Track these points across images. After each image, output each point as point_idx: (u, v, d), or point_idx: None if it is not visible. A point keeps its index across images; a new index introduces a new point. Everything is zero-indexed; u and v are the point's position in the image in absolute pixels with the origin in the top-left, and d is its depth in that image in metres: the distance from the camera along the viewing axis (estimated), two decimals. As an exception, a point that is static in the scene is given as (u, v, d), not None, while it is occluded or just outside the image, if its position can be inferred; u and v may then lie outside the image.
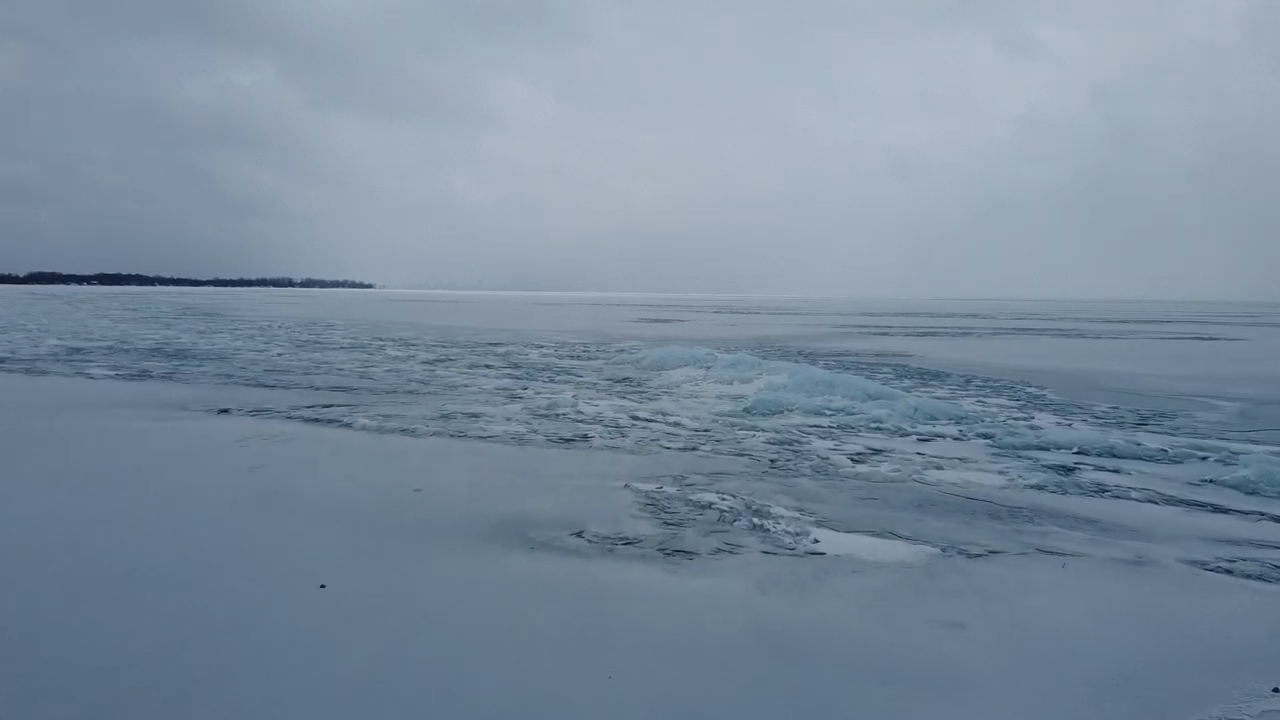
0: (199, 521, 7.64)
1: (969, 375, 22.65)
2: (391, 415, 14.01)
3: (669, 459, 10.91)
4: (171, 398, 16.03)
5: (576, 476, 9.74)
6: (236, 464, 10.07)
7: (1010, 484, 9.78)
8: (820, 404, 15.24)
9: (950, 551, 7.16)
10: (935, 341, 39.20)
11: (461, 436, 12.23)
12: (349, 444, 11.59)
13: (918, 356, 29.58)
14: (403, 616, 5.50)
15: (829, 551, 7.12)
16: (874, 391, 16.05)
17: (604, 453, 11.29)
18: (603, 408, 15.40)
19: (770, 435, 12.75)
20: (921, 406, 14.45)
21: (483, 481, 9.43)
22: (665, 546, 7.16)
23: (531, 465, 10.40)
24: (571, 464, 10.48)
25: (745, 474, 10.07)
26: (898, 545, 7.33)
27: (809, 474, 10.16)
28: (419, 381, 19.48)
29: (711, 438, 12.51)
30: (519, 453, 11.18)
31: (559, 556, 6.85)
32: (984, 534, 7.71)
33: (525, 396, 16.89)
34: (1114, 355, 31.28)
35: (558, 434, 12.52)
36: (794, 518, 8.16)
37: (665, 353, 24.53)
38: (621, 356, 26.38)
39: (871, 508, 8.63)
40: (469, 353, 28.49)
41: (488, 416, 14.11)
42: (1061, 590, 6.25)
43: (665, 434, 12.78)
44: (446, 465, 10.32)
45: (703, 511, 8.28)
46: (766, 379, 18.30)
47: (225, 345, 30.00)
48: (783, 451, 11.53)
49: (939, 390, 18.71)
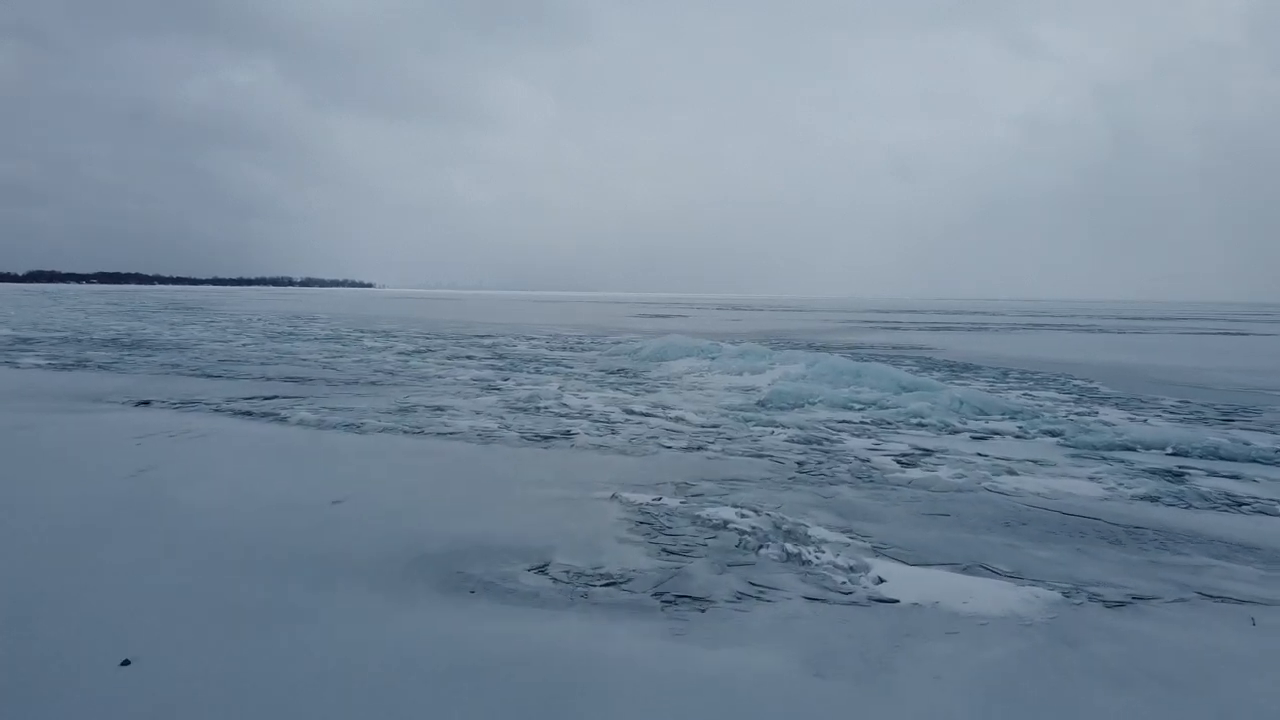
0: (20, 547, 5.45)
1: (1002, 367, 20.43)
2: (340, 408, 11.80)
3: (669, 461, 8.70)
4: (94, 389, 13.81)
5: (549, 484, 7.52)
6: (118, 467, 7.86)
7: (1112, 494, 7.56)
8: (847, 396, 13.01)
9: (1078, 596, 4.94)
10: (951, 336, 36.98)
11: (416, 433, 10.02)
12: (271, 443, 9.38)
13: (939, 349, 27.36)
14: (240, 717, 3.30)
15: (902, 597, 4.90)
16: (908, 382, 13.83)
17: (588, 453, 9.08)
18: (592, 400, 13.17)
19: (793, 432, 10.53)
20: (967, 399, 12.23)
21: (425, 491, 7.21)
22: (665, 590, 4.95)
23: (494, 469, 8.18)
24: (545, 467, 8.26)
25: (768, 481, 7.85)
26: (999, 587, 5.11)
27: (849, 480, 7.95)
28: (386, 372, 17.25)
29: (721, 435, 10.30)
30: (482, 453, 8.96)
31: (508, 607, 4.64)
32: (1113, 568, 5.49)
33: (504, 388, 14.67)
34: (1150, 349, 29.04)
35: (534, 430, 10.31)
36: (841, 543, 5.94)
37: (665, 343, 22.31)
38: (617, 348, 24.16)
39: (943, 527, 6.41)
40: (452, 344, 26.25)
41: (454, 410, 11.89)
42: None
43: (665, 430, 10.56)
44: (385, 469, 8.10)
45: (716, 534, 6.07)
46: (782, 369, 16.08)
47: (190, 336, 27.79)
48: (811, 452, 9.31)
49: (974, 382, 16.49)
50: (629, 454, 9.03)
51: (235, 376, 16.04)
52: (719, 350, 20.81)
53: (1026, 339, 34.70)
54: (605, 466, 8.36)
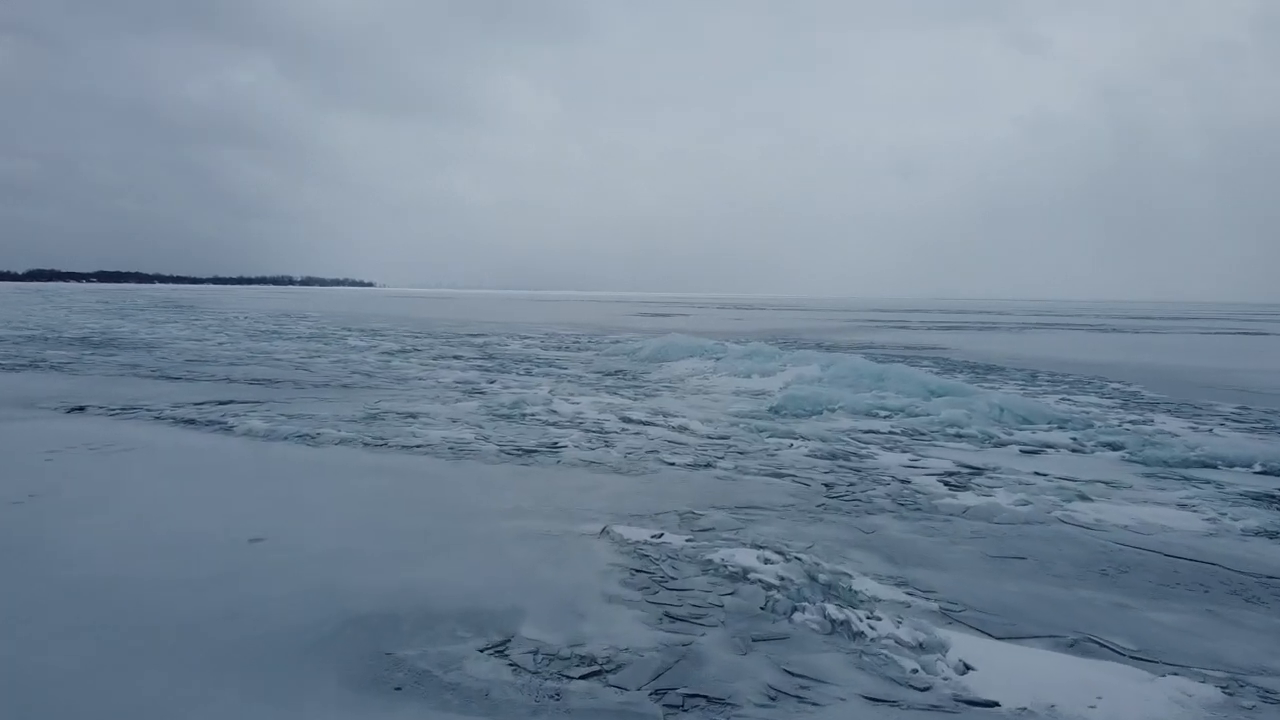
0: None
1: (1028, 369, 19.04)
2: (299, 415, 10.41)
3: (672, 482, 7.31)
4: (31, 392, 12.42)
5: (525, 514, 6.13)
6: (3, 491, 6.47)
7: (1217, 527, 6.16)
8: (871, 402, 11.62)
9: (1244, 694, 3.56)
10: (963, 335, 35.59)
11: (377, 446, 8.63)
12: (204, 459, 7.99)
13: (954, 349, 25.97)
14: None
15: (1003, 695, 3.51)
16: (937, 386, 12.44)
17: (576, 472, 7.69)
18: (584, 406, 11.78)
19: (814, 445, 9.13)
20: (1008, 405, 10.84)
21: (369, 524, 5.82)
22: (668, 684, 3.56)
23: (459, 494, 6.78)
24: (523, 491, 6.87)
25: (791, 509, 6.46)
26: (1129, 676, 3.71)
27: (890, 508, 6.55)
28: (363, 374, 15.86)
29: (731, 448, 8.91)
30: (449, 472, 7.57)
31: (447, 717, 3.25)
32: (1269, 642, 4.11)
33: (488, 392, 13.27)
34: (1176, 350, 27.64)
35: (516, 442, 8.91)
36: (899, 602, 4.55)
37: (666, 343, 20.93)
38: (615, 348, 22.78)
39: (1023, 576, 5.02)
40: (440, 343, 24.86)
41: (427, 417, 10.50)
42: None
43: (667, 443, 9.17)
44: (328, 494, 6.71)
45: (734, 588, 4.68)
46: (795, 371, 14.69)
47: (166, 335, 26.40)
48: (839, 470, 7.91)
49: (1004, 386, 15.10)
50: (624, 473, 7.64)
51: (196, 378, 14.65)
52: (724, 350, 19.43)
53: (1043, 339, 33.31)
54: (596, 489, 6.97)
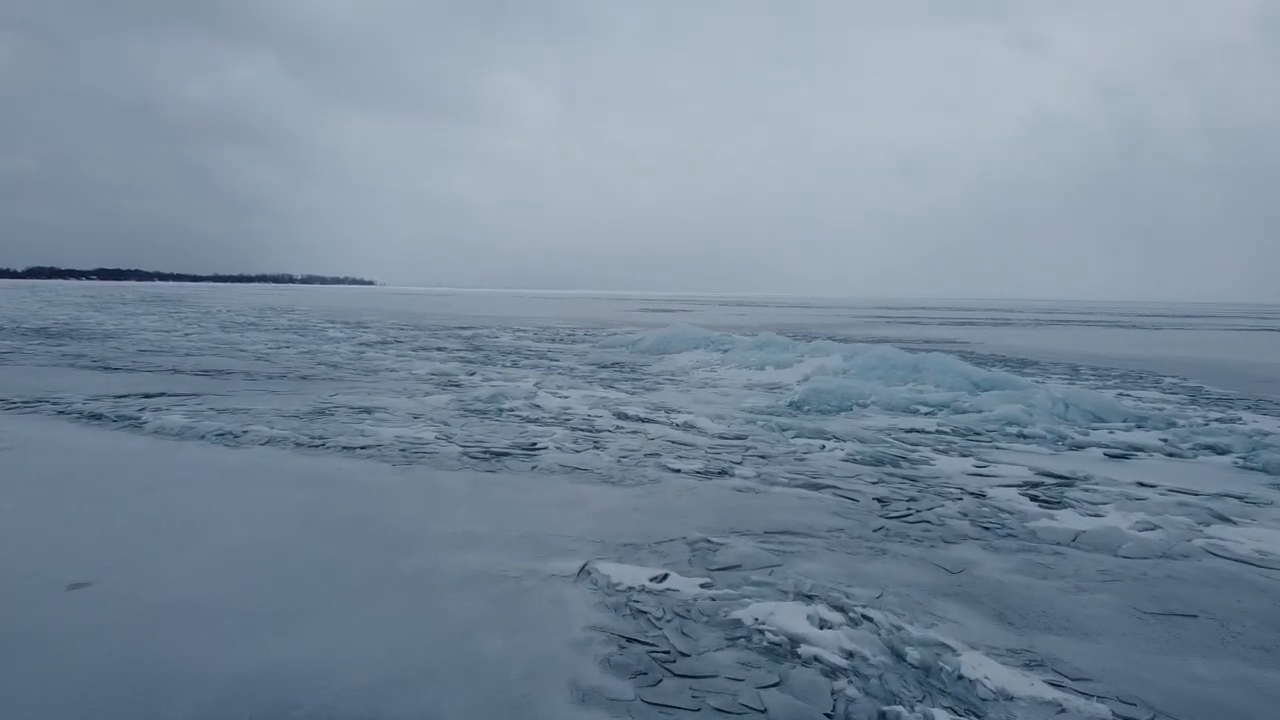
0: None
1: (1065, 363, 17.33)
2: (232, 410, 8.74)
3: (677, 496, 5.63)
4: (-61, 383, 10.75)
5: (476, 543, 4.44)
6: None
7: None
8: (908, 396, 9.93)
9: None
10: (980, 330, 33.87)
11: (313, 447, 6.94)
12: (85, 462, 6.31)
13: (976, 343, 24.26)
14: None
15: None
16: (982, 378, 10.75)
17: (555, 481, 6.00)
18: (573, 400, 10.10)
19: (853, 447, 7.43)
20: (1071, 399, 9.15)
21: (254, 560, 4.14)
22: None
23: (394, 513, 5.09)
24: (480, 508, 5.18)
25: (841, 536, 4.78)
26: None
27: (972, 533, 4.87)
28: (330, 365, 14.19)
29: (750, 450, 7.22)
30: (390, 482, 5.88)
31: None
32: None
33: (465, 385, 11.59)
34: (1215, 345, 25.91)
35: (484, 443, 7.23)
36: (1042, 700, 2.86)
37: (668, 334, 19.25)
38: (613, 340, 21.09)
39: (1210, 650, 3.33)
40: (426, 335, 23.18)
41: (385, 412, 8.82)
42: None
43: (670, 444, 7.49)
44: (216, 514, 5.02)
45: (777, 673, 2.99)
46: (814, 362, 12.99)
47: (134, 327, 24.72)
48: (890, 480, 6.22)
49: (1046, 380, 13.39)
50: (616, 482, 5.96)
51: (138, 369, 12.99)
52: (731, 341, 17.74)
53: (1065, 334, 31.57)
54: (577, 506, 5.29)
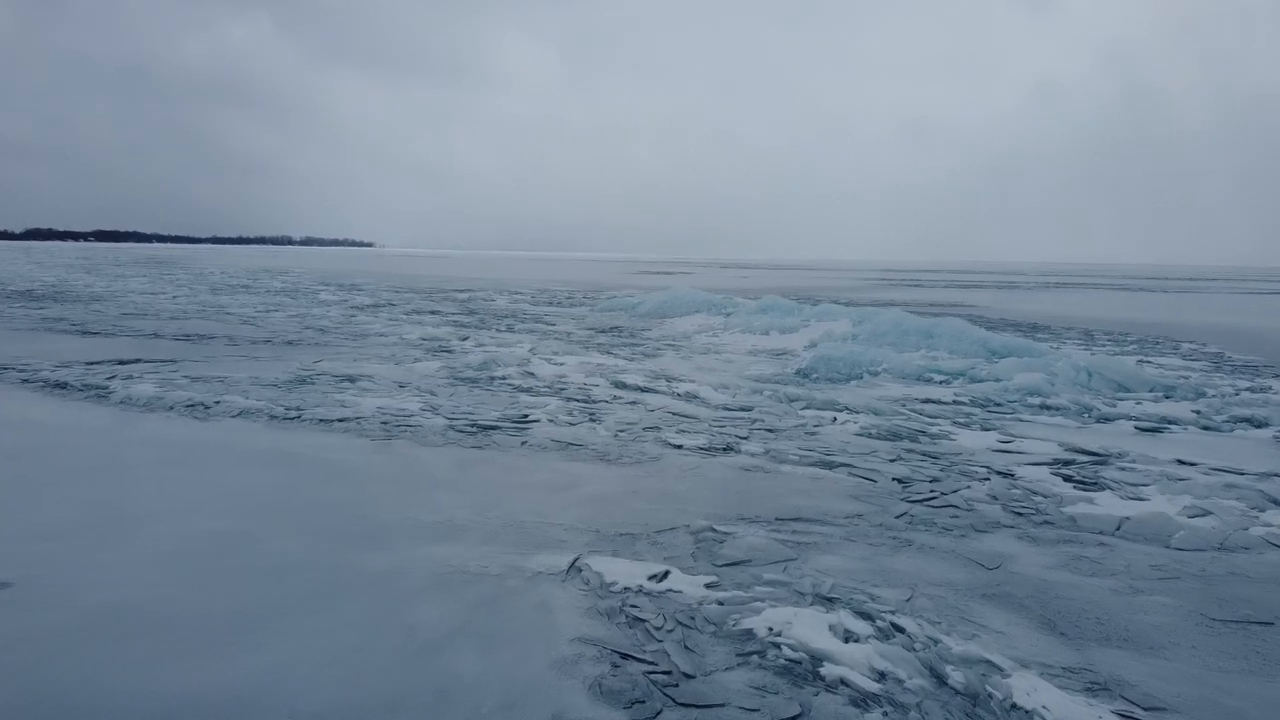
0: None
1: (1078, 328, 16.82)
2: (207, 378, 8.26)
3: (679, 476, 5.16)
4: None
5: (455, 533, 3.97)
6: None
7: None
8: (921, 363, 9.43)
9: None
10: (986, 294, 33.28)
11: (288, 420, 6.47)
12: (37, 438, 5.83)
13: (984, 307, 23.72)
14: None
15: None
16: (999, 345, 10.24)
17: (546, 458, 5.52)
18: (569, 368, 9.61)
19: (866, 420, 6.94)
20: (1095, 367, 8.65)
21: (203, 554, 3.67)
22: None
23: (367, 497, 4.61)
24: (463, 491, 4.71)
25: (861, 523, 4.32)
26: None
27: (1006, 520, 4.41)
28: (317, 329, 13.67)
29: (757, 424, 6.75)
30: (367, 460, 5.40)
31: None
32: None
33: (456, 350, 11.09)
34: (1231, 310, 25.33)
35: (472, 415, 6.75)
36: (1112, 737, 2.41)
37: (669, 297, 18.70)
38: (612, 303, 20.52)
39: (1296, 669, 2.88)
40: (421, 298, 22.62)
41: (370, 381, 8.34)
42: None
43: (671, 416, 7.01)
44: (170, 499, 4.55)
45: (799, 698, 2.53)
46: (821, 327, 12.48)
47: (121, 289, 24.14)
48: (909, 457, 5.75)
49: (1060, 346, 12.88)
50: (613, 460, 5.49)
51: (120, 334, 12.48)
52: (734, 305, 17.20)
53: (1074, 298, 31.00)
54: (569, 489, 4.82)
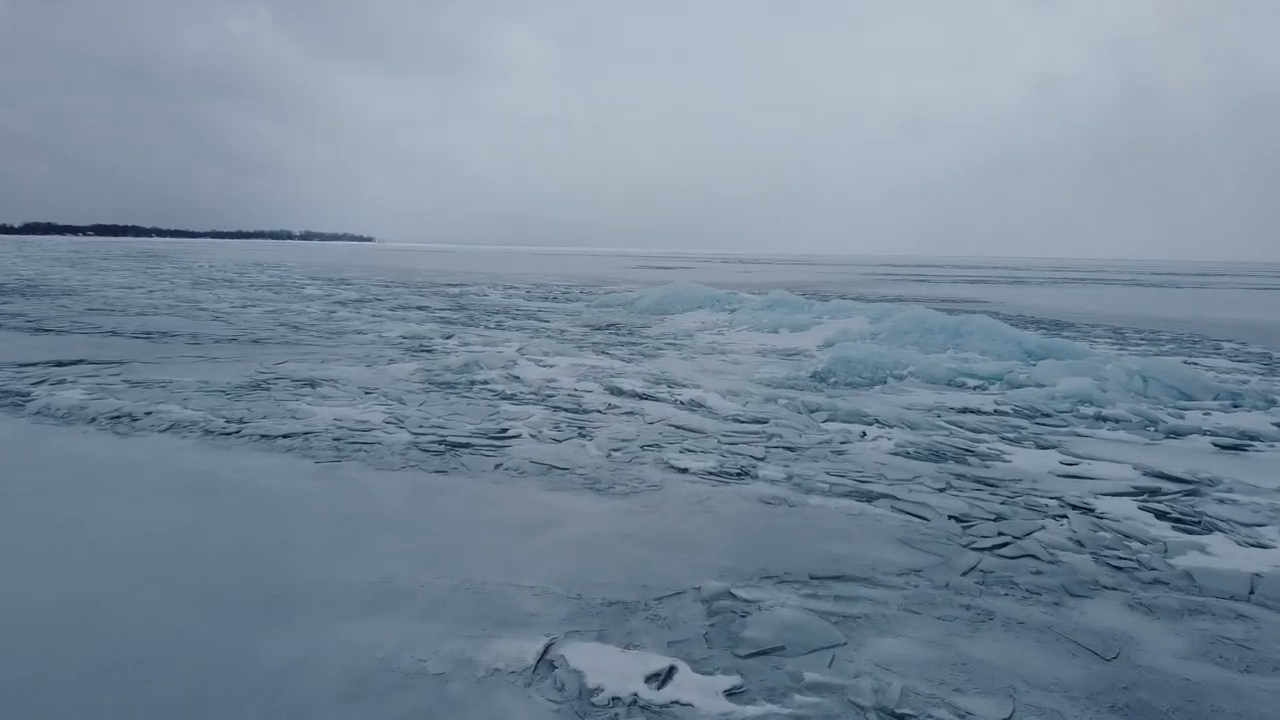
0: None
1: (1105, 325, 15.85)
2: (149, 382, 7.29)
3: (685, 511, 4.19)
4: None
5: (391, 602, 3.00)
6: None
7: None
8: (952, 366, 8.46)
9: None
10: (996, 289, 32.29)
11: (224, 436, 5.50)
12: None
13: (998, 303, 22.75)
14: None
15: None
16: (1036, 345, 9.27)
17: (523, 487, 4.55)
18: (560, 370, 8.64)
19: (901, 435, 5.97)
20: (1150, 371, 7.68)
21: (38, 638, 2.71)
22: None
23: (288, 541, 3.63)
24: (413, 535, 3.74)
25: (920, 581, 3.35)
26: None
27: (1106, 579, 3.44)
28: (291, 326, 12.70)
29: (774, 439, 5.78)
30: (304, 489, 4.43)
31: None
32: None
33: (437, 350, 10.12)
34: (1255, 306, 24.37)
35: (443, 429, 5.78)
36: None
37: (669, 292, 17.72)
38: (609, 299, 19.54)
39: None
40: (410, 292, 21.64)
41: (333, 385, 7.37)
42: None
43: (673, 430, 6.04)
44: (31, 547, 3.58)
45: None
46: (835, 325, 11.50)
47: (98, 284, 23.15)
48: (960, 484, 4.77)
49: (1092, 346, 11.92)
50: (604, 489, 4.52)
51: (76, 331, 11.52)
52: (739, 300, 16.23)
53: (1088, 293, 30.01)
54: (548, 530, 3.86)
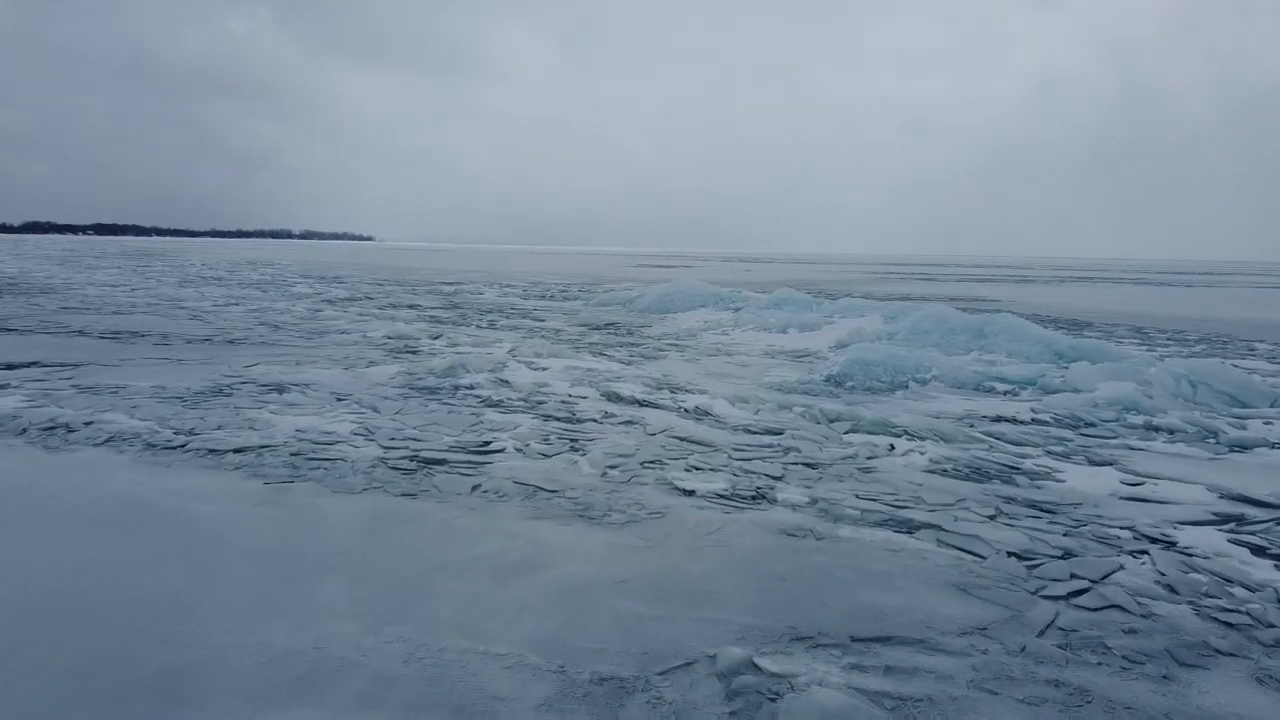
0: None
1: (1125, 324, 15.17)
2: (100, 387, 6.63)
3: (691, 548, 3.50)
4: None
5: (317, 681, 2.34)
6: None
7: None
8: (979, 369, 7.78)
9: None
10: (1004, 288, 31.61)
11: (168, 449, 4.83)
12: None
13: (1009, 302, 22.06)
14: None
15: None
16: (1068, 347, 8.60)
17: (501, 515, 3.87)
18: (553, 374, 7.96)
19: (934, 449, 5.28)
20: (1198, 376, 7.01)
21: None
22: None
23: (208, 595, 2.95)
24: (363, 579, 3.06)
25: (983, 649, 2.67)
26: None
27: (1215, 638, 2.76)
28: (271, 326, 12.02)
29: (792, 453, 5.09)
30: (245, 519, 3.75)
31: None
32: None
33: (423, 351, 9.45)
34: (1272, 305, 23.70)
35: (416, 443, 5.10)
36: None
37: (671, 290, 17.04)
38: (608, 297, 18.86)
39: None
40: (403, 291, 20.96)
41: (302, 391, 6.69)
42: None
43: (677, 443, 5.35)
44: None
45: None
46: (848, 324, 10.82)
47: (80, 281, 22.48)
48: (1010, 510, 4.09)
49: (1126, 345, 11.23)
50: (597, 519, 3.85)
51: (41, 331, 10.85)
52: (743, 299, 15.55)
53: (1099, 292, 29.33)
54: (526, 574, 3.18)
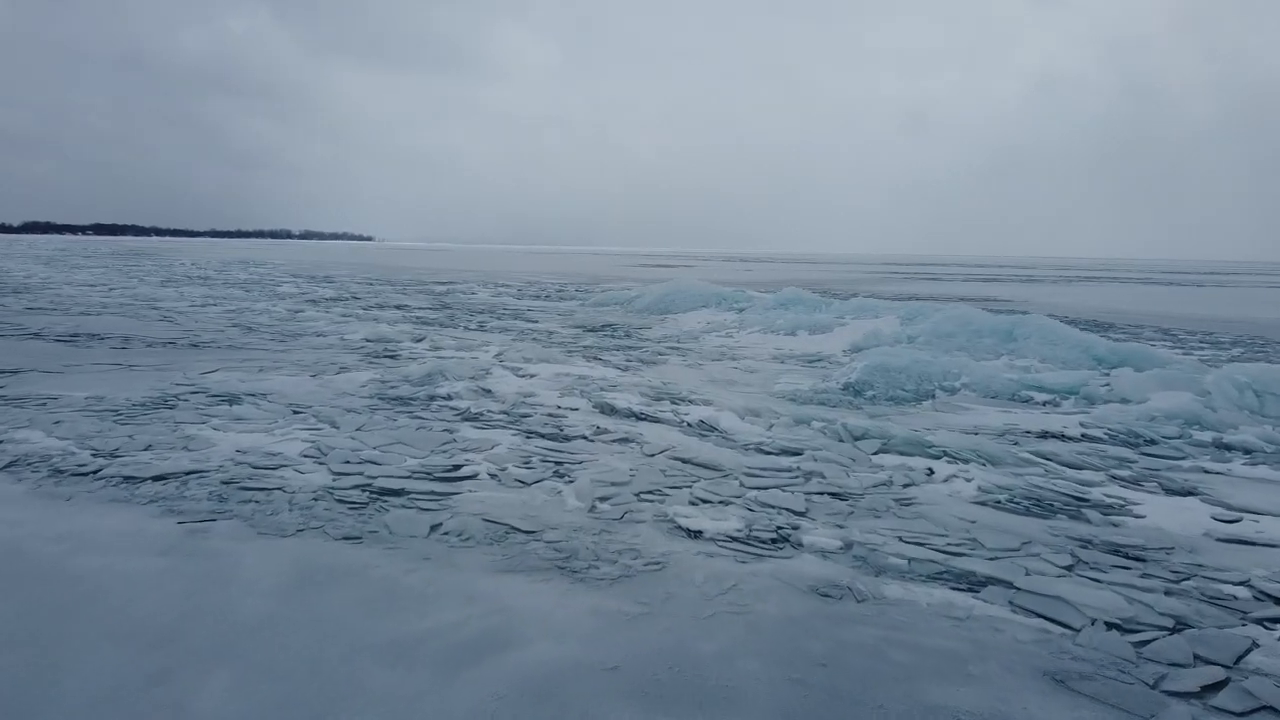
0: None
1: (1150, 325, 14.40)
2: (24, 399, 5.86)
3: (698, 614, 2.73)
4: None
5: None
6: None
7: None
8: (1013, 377, 7.01)
9: None
10: (1013, 288, 30.83)
11: (77, 475, 4.06)
12: None
13: (1021, 302, 21.29)
14: None
15: None
16: (1105, 350, 7.83)
17: (462, 564, 3.09)
18: (541, 382, 7.18)
19: (981, 475, 4.51)
20: (1263, 384, 6.23)
21: None
22: None
23: (20, 713, 2.20)
24: (245, 687, 2.29)
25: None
26: None
27: None
28: (244, 327, 11.25)
29: (814, 479, 4.32)
30: (136, 576, 2.97)
31: None
32: None
33: (402, 356, 8.67)
34: None
35: (375, 465, 4.33)
36: None
37: (672, 290, 16.26)
38: (606, 296, 18.07)
39: None
40: (392, 291, 20.18)
41: (256, 402, 5.91)
42: None
43: (679, 467, 4.58)
44: None
45: None
46: (862, 325, 10.04)
47: (58, 281, 21.70)
48: (1092, 559, 3.31)
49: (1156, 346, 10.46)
50: (580, 570, 3.07)
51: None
52: (748, 299, 14.78)
53: (1111, 291, 28.55)
54: (479, 661, 2.40)
